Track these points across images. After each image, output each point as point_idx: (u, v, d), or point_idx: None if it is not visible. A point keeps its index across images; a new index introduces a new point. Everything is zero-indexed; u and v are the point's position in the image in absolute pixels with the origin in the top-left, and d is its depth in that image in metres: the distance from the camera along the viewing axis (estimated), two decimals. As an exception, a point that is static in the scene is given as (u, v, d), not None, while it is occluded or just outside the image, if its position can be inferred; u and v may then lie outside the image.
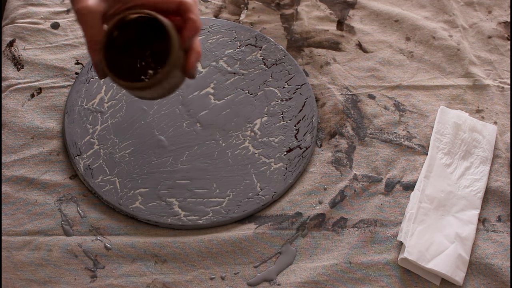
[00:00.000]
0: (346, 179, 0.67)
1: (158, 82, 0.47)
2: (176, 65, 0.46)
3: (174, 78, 0.48)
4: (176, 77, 0.48)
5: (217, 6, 0.82)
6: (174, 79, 0.49)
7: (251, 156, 0.67)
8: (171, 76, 0.47)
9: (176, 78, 0.49)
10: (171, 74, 0.47)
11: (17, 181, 0.63)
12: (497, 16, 0.86)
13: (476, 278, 0.61)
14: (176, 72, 0.47)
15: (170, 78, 0.47)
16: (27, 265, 0.58)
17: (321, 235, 0.63)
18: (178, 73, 0.48)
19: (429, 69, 0.78)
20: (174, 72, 0.47)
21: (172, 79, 0.48)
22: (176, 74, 0.48)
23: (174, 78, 0.48)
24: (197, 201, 0.63)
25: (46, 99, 0.70)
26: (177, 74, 0.48)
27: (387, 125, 0.72)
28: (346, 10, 0.84)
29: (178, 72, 0.48)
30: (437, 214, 0.64)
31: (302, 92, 0.73)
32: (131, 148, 0.67)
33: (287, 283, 0.59)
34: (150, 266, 0.59)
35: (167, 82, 0.48)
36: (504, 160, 0.70)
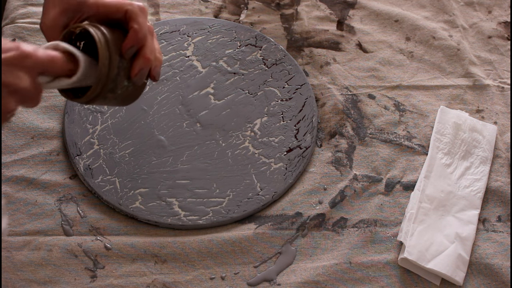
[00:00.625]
0: (346, 179, 0.67)
1: (93, 99, 0.46)
2: (109, 78, 0.45)
3: (121, 88, 0.47)
4: (122, 86, 0.47)
5: (217, 6, 0.82)
6: (123, 89, 0.47)
7: (251, 156, 0.67)
8: (108, 90, 0.46)
9: (124, 87, 0.47)
10: (107, 88, 0.45)
11: (17, 181, 0.63)
12: (497, 16, 0.86)
13: (476, 278, 0.61)
14: (118, 82, 0.46)
15: (111, 91, 0.46)
16: (27, 265, 0.58)
17: (321, 235, 0.63)
18: (124, 82, 0.47)
19: (429, 69, 0.78)
20: (111, 84, 0.46)
21: (119, 89, 0.47)
22: (119, 83, 0.46)
23: (121, 88, 0.47)
24: (197, 201, 0.63)
25: (46, 99, 0.70)
26: (123, 83, 0.47)
27: (387, 125, 0.72)
28: (346, 10, 0.84)
29: (124, 81, 0.47)
30: (437, 214, 0.64)
31: (302, 92, 0.73)
32: (131, 148, 0.67)
33: (287, 283, 0.59)
34: (150, 266, 0.59)
35: (113, 93, 0.47)
36: (504, 160, 0.70)
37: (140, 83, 0.49)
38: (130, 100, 0.51)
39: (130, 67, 0.47)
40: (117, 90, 0.47)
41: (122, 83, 0.47)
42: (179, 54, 0.75)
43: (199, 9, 0.81)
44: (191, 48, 0.76)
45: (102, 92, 0.46)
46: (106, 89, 0.46)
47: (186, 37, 0.77)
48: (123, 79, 0.47)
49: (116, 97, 0.48)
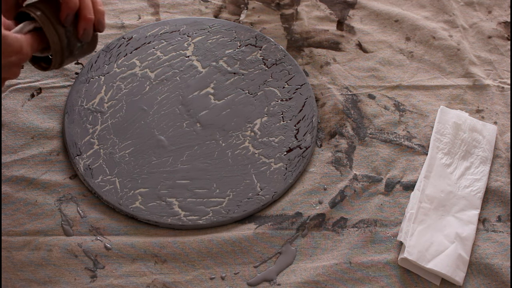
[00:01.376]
0: (346, 179, 0.67)
1: (58, 67, 0.54)
2: (62, 48, 0.52)
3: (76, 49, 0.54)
4: (76, 48, 0.54)
5: (217, 6, 0.82)
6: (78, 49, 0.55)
7: (251, 156, 0.67)
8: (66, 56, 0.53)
9: (79, 47, 0.55)
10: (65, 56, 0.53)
11: (17, 181, 0.63)
12: (497, 16, 0.86)
13: (476, 278, 0.61)
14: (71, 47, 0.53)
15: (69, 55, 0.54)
16: (27, 265, 0.58)
17: (321, 235, 0.63)
18: (77, 44, 0.54)
19: (429, 69, 0.78)
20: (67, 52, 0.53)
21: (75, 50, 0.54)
22: (73, 47, 0.54)
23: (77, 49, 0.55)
24: (197, 201, 0.63)
25: (46, 99, 0.70)
26: (76, 46, 0.54)
27: (387, 125, 0.72)
28: (346, 10, 0.84)
29: (77, 44, 0.54)
30: (437, 214, 0.64)
31: (302, 92, 0.73)
32: (131, 148, 0.67)
33: (287, 283, 0.59)
34: (150, 266, 0.59)
35: (72, 56, 0.54)
36: (504, 160, 0.70)
37: (89, 40, 0.55)
38: (90, 51, 0.58)
39: (76, 32, 0.53)
40: (74, 52, 0.54)
41: (76, 45, 0.54)
42: (179, 54, 0.75)
43: (199, 9, 0.81)
44: (191, 48, 0.76)
45: (62, 60, 0.54)
46: (65, 56, 0.53)
47: (186, 37, 0.77)
48: (75, 42, 0.54)
49: (76, 56, 0.56)
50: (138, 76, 0.72)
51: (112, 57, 0.73)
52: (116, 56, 0.74)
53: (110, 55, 0.74)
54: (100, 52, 0.74)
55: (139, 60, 0.74)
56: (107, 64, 0.73)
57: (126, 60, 0.73)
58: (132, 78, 0.72)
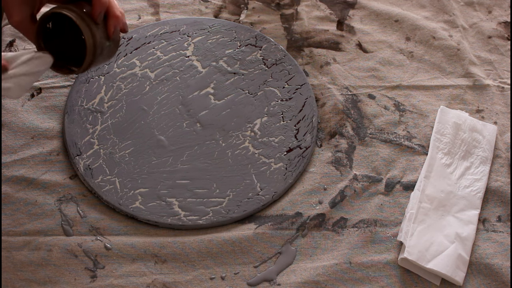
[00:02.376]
0: (346, 179, 0.67)
1: (87, 67, 0.54)
2: (96, 46, 0.53)
3: (105, 48, 0.55)
4: (105, 47, 0.55)
5: (217, 6, 0.82)
6: (106, 49, 0.55)
7: (251, 156, 0.67)
8: (98, 55, 0.54)
9: (107, 47, 0.55)
10: (97, 54, 0.54)
11: (17, 181, 0.63)
12: (497, 16, 0.86)
13: (476, 278, 0.61)
14: (103, 46, 0.54)
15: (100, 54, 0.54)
16: (27, 265, 0.58)
17: (321, 235, 0.63)
18: (106, 43, 0.55)
19: (429, 69, 0.78)
20: (99, 50, 0.54)
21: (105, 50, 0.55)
22: (104, 46, 0.54)
23: (105, 48, 0.55)
24: (197, 201, 0.63)
25: (46, 99, 0.70)
26: (105, 44, 0.55)
27: (387, 125, 0.72)
28: (346, 10, 0.84)
29: (106, 43, 0.55)
30: (437, 214, 0.64)
31: (302, 92, 0.73)
32: (131, 148, 0.67)
33: (287, 283, 0.59)
34: (150, 266, 0.59)
35: (101, 55, 0.55)
36: (504, 160, 0.70)
37: (118, 39, 0.57)
38: (113, 54, 0.58)
39: (105, 29, 0.54)
40: (103, 52, 0.55)
41: (105, 44, 0.55)
42: (179, 54, 0.75)
43: (199, 9, 0.81)
44: (191, 48, 0.76)
45: (94, 59, 0.54)
46: (96, 55, 0.54)
47: (186, 37, 0.77)
48: (105, 41, 0.54)
49: (104, 57, 0.56)
50: (138, 76, 0.72)
51: (112, 57, 0.74)
52: (116, 56, 0.74)
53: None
54: (100, 52, 0.74)
55: (139, 60, 0.74)
56: (107, 64, 0.73)
57: (126, 60, 0.73)
58: (132, 78, 0.72)
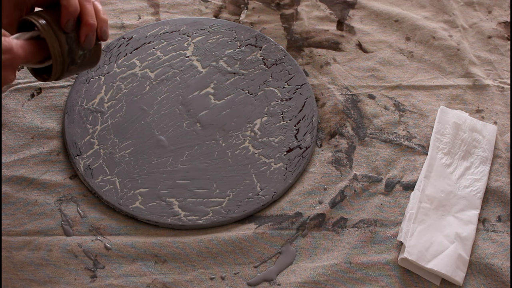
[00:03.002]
0: (346, 179, 0.67)
1: (59, 76, 0.53)
2: (63, 55, 0.51)
3: (78, 57, 0.53)
4: (79, 56, 0.53)
5: (217, 6, 0.82)
6: (81, 57, 0.53)
7: (251, 156, 0.67)
8: (68, 64, 0.52)
9: (81, 56, 0.53)
10: (66, 63, 0.52)
11: (17, 181, 0.63)
12: (497, 16, 0.86)
13: (476, 278, 0.61)
14: (73, 55, 0.52)
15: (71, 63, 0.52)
16: (27, 265, 0.58)
17: (321, 235, 0.63)
18: (79, 52, 0.53)
19: (429, 69, 0.78)
20: (68, 59, 0.52)
21: (78, 59, 0.53)
22: (75, 55, 0.52)
23: (79, 57, 0.53)
24: (197, 201, 0.63)
25: (46, 99, 0.70)
26: (78, 53, 0.53)
27: (387, 125, 0.72)
28: (346, 10, 0.84)
29: (79, 52, 0.53)
30: (437, 214, 0.64)
31: (302, 92, 0.73)
32: (131, 148, 0.67)
33: (287, 283, 0.59)
34: (150, 266, 0.59)
35: (74, 64, 0.53)
36: (504, 160, 0.70)
37: (91, 47, 0.54)
38: (93, 63, 0.56)
39: (78, 37, 0.52)
40: (76, 61, 0.53)
41: (78, 53, 0.53)
42: (179, 54, 0.75)
43: (199, 9, 0.81)
44: (191, 48, 0.76)
45: (64, 69, 0.52)
46: (66, 64, 0.52)
47: (186, 37, 0.77)
48: (77, 50, 0.52)
49: (79, 66, 0.54)
50: (138, 76, 0.72)
51: (112, 57, 0.74)
52: (116, 56, 0.74)
53: (110, 55, 0.74)
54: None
55: (139, 60, 0.74)
56: (107, 64, 0.73)
57: (126, 60, 0.73)
58: (132, 78, 0.72)
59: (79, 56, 0.53)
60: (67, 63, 0.52)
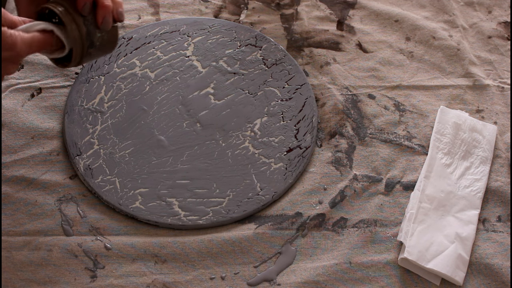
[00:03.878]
0: (346, 179, 0.67)
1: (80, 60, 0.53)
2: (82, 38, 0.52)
3: (97, 40, 0.54)
4: (97, 38, 0.54)
5: (217, 6, 0.82)
6: (99, 40, 0.54)
7: (251, 156, 0.67)
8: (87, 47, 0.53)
9: (99, 38, 0.54)
10: (86, 46, 0.52)
11: (17, 181, 0.63)
12: (497, 16, 0.86)
13: (476, 278, 0.61)
14: (92, 37, 0.53)
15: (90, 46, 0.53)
16: (27, 265, 0.58)
17: (321, 235, 0.63)
18: (97, 34, 0.54)
19: (429, 69, 0.78)
20: (87, 42, 0.53)
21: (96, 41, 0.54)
22: (94, 37, 0.53)
23: (98, 40, 0.54)
24: (197, 201, 0.63)
25: (46, 99, 0.70)
26: (96, 35, 0.54)
27: (387, 125, 0.72)
28: (346, 10, 0.84)
29: (97, 34, 0.54)
30: (437, 214, 0.64)
31: (302, 92, 0.73)
32: (131, 148, 0.67)
33: (287, 283, 0.59)
34: (150, 266, 0.59)
35: (93, 47, 0.54)
36: (504, 160, 0.70)
37: (109, 28, 0.55)
38: (111, 46, 0.57)
39: (95, 21, 0.53)
40: (95, 43, 0.54)
41: (96, 35, 0.54)
42: (179, 54, 0.75)
43: (199, 9, 0.81)
44: (191, 48, 0.76)
45: (83, 52, 0.53)
46: (85, 47, 0.53)
47: (186, 37, 0.77)
48: (95, 32, 0.53)
49: (98, 48, 0.55)
50: (138, 76, 0.72)
51: (112, 57, 0.74)
52: (116, 56, 0.74)
53: (110, 55, 0.74)
54: (100, 52, 0.74)
55: (139, 60, 0.74)
56: (107, 64, 0.73)
57: (126, 60, 0.73)
58: (132, 78, 0.72)
59: (97, 38, 0.54)
60: (87, 46, 0.53)
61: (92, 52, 0.54)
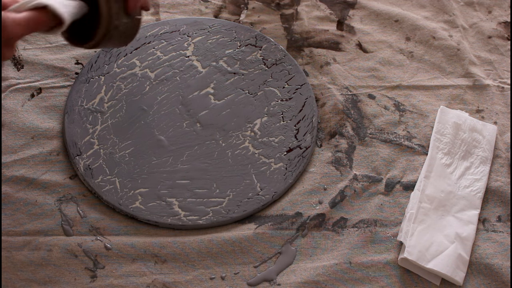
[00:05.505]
0: (346, 179, 0.67)
1: (101, 39, 0.52)
2: (111, 16, 0.52)
3: (122, 24, 0.54)
4: (122, 23, 0.54)
5: (217, 6, 0.82)
6: (124, 25, 0.54)
7: (251, 156, 0.67)
8: (112, 28, 0.52)
9: (124, 23, 0.54)
10: (112, 25, 0.52)
11: (17, 181, 0.63)
12: (497, 16, 0.86)
13: (476, 278, 0.61)
14: (120, 19, 0.53)
15: (115, 28, 0.53)
16: (27, 265, 0.58)
17: (321, 235, 0.63)
18: (123, 19, 0.54)
19: (429, 69, 0.78)
20: (115, 21, 0.52)
21: (121, 25, 0.53)
22: (121, 20, 0.53)
23: (123, 25, 0.54)
24: (197, 201, 0.63)
25: (46, 99, 0.70)
26: (122, 20, 0.53)
27: (387, 125, 0.72)
28: (346, 10, 0.84)
29: (123, 18, 0.53)
30: (437, 214, 0.64)
31: (302, 92, 0.73)
32: (131, 148, 0.67)
33: (287, 283, 0.59)
34: (150, 266, 0.59)
35: (117, 30, 0.53)
36: (504, 160, 0.70)
37: (136, 14, 0.56)
38: (131, 36, 0.57)
39: (125, 4, 0.53)
40: (119, 27, 0.53)
41: (122, 19, 0.53)
42: (179, 54, 0.75)
43: (199, 9, 0.81)
44: (191, 48, 0.76)
45: (108, 31, 0.52)
46: (111, 26, 0.52)
47: (186, 37, 0.77)
48: (122, 16, 0.53)
49: (120, 34, 0.54)
50: (138, 76, 0.72)
51: (112, 57, 0.74)
52: (116, 56, 0.74)
53: (110, 55, 0.74)
54: (100, 52, 0.74)
55: (139, 60, 0.74)
56: (107, 64, 0.73)
57: (126, 60, 0.73)
58: (132, 78, 0.72)
59: (122, 22, 0.54)
60: (113, 26, 0.52)
61: (114, 35, 0.53)
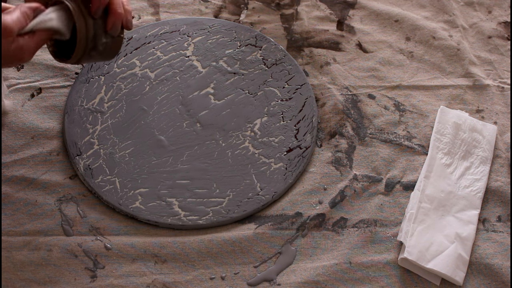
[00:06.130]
0: (346, 179, 0.67)
1: (79, 59, 0.54)
2: (87, 39, 0.53)
3: (101, 44, 0.55)
4: (102, 43, 0.55)
5: (217, 6, 0.82)
6: (103, 45, 0.55)
7: (251, 156, 0.67)
8: (90, 49, 0.54)
9: (104, 43, 0.55)
10: (88, 47, 0.53)
11: (17, 181, 0.63)
12: (497, 16, 0.86)
13: (476, 278, 0.61)
14: (97, 40, 0.54)
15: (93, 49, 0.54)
16: (27, 265, 0.58)
17: (321, 235, 0.63)
18: (102, 39, 0.54)
19: (429, 69, 0.78)
20: (91, 44, 0.53)
21: (100, 45, 0.54)
22: (98, 41, 0.54)
23: (102, 45, 0.55)
24: (197, 201, 0.63)
25: (46, 99, 0.70)
26: (101, 40, 0.54)
27: (387, 125, 0.72)
28: (346, 10, 0.84)
29: (102, 39, 0.54)
30: (437, 214, 0.64)
31: (302, 92, 0.73)
32: (131, 148, 0.67)
33: (287, 283, 0.59)
34: (150, 266, 0.59)
35: (95, 50, 0.54)
36: (504, 160, 0.70)
37: (116, 35, 0.56)
38: (112, 54, 0.58)
39: (105, 25, 0.54)
40: (98, 47, 0.55)
41: (101, 40, 0.55)
42: (179, 54, 0.75)
43: (199, 9, 0.81)
44: (191, 48, 0.76)
45: (85, 52, 0.54)
46: (88, 48, 0.54)
47: (186, 37, 0.77)
48: (101, 36, 0.54)
49: (100, 53, 0.55)
50: (138, 76, 0.72)
51: (112, 57, 0.74)
52: (117, 55, 0.74)
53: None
54: (100, 52, 0.74)
55: (139, 60, 0.74)
56: (107, 64, 0.73)
57: (126, 60, 0.73)
58: (132, 78, 0.72)
59: (102, 43, 0.55)
60: (90, 48, 0.54)
61: (93, 55, 0.55)
